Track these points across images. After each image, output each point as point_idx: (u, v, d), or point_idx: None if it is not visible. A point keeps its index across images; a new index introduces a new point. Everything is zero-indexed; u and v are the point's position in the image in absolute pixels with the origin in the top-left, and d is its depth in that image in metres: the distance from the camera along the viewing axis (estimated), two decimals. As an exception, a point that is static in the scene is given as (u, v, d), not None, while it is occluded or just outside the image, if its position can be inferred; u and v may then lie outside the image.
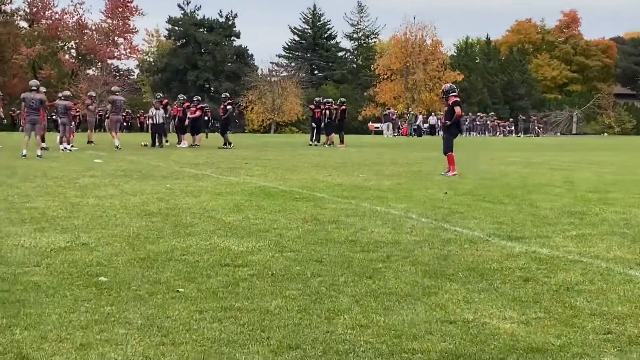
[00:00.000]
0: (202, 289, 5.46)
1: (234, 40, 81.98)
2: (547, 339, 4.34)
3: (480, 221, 9.12)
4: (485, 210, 10.10)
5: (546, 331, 4.49)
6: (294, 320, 4.68)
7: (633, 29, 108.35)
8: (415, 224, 8.79)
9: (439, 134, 45.64)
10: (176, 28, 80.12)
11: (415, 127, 58.53)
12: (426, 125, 60.41)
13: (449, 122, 16.41)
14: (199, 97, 32.96)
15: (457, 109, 16.02)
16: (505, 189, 13.09)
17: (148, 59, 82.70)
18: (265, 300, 5.18)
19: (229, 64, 79.43)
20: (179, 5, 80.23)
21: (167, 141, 29.91)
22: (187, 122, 29.69)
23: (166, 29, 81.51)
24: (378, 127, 63.50)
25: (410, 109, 65.61)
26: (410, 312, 4.90)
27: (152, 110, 30.02)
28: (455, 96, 16.52)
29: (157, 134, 29.23)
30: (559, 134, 75.69)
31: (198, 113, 30.13)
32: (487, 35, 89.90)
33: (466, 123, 58.16)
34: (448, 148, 16.00)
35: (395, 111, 64.46)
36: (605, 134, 78.22)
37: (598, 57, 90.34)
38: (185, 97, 32.20)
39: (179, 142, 29.88)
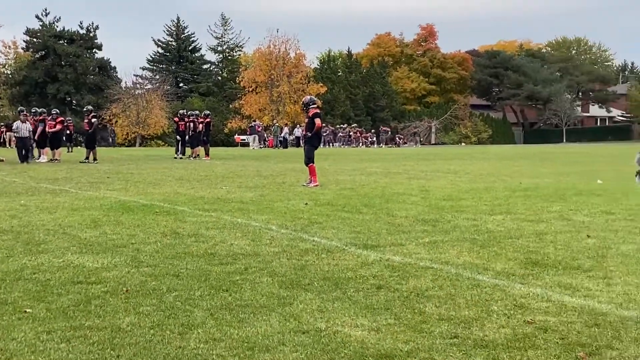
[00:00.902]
0: (51, 309, 5.25)
1: (95, 52, 79.25)
2: (396, 345, 4.47)
3: (338, 231, 9.28)
4: (343, 220, 10.30)
5: (395, 337, 4.63)
6: (146, 337, 4.59)
7: (487, 42, 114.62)
8: (275, 235, 8.85)
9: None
10: (34, 40, 76.48)
11: (281, 138, 58.85)
12: (292, 137, 60.94)
13: (309, 134, 16.63)
14: (57, 110, 31.65)
15: (318, 121, 16.26)
16: (364, 198, 13.38)
17: (5, 72, 78.57)
18: (118, 317, 5.05)
19: (91, 77, 76.71)
20: (36, 17, 76.82)
21: (33, 156, 28.50)
22: (45, 135, 28.39)
23: (24, 41, 77.73)
24: (244, 140, 63.30)
25: (275, 121, 65.92)
26: (264, 323, 4.92)
27: (17, 124, 28.49)
28: (315, 108, 16.78)
29: (23, 149, 27.78)
30: (419, 144, 78.21)
31: (59, 127, 28.95)
32: (349, 48, 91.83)
33: (325, 134, 59.13)
34: (309, 159, 16.20)
35: (261, 123, 64.56)
36: (463, 144, 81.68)
37: (454, 69, 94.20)
38: (39, 110, 30.86)
39: (39, 156, 28.57)
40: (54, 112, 30.15)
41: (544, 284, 6.20)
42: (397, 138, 76.15)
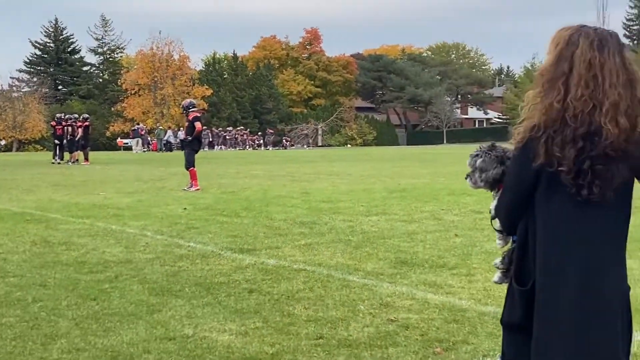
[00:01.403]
0: None
1: (-35, 53, 75.81)
2: (262, 348, 4.55)
3: (215, 235, 9.31)
4: (221, 225, 10.32)
5: (262, 340, 4.70)
6: (7, 349, 4.49)
7: (371, 46, 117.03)
8: (150, 242, 8.78)
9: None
10: None
11: (165, 142, 58.17)
12: (177, 140, 60.30)
13: (189, 138, 16.55)
14: None
15: (198, 125, 16.24)
16: (245, 202, 13.46)
17: None
18: (-23, 331, 4.89)
19: (-38, 80, 73.39)
20: None
21: None
22: None
23: None
24: (127, 143, 62.17)
25: (159, 124, 65.06)
26: (130, 331, 4.88)
27: None
28: (195, 111, 16.77)
29: None
30: (305, 146, 79.14)
31: None
32: (234, 51, 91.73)
33: (209, 137, 59.15)
34: (189, 163, 16.12)
35: (145, 126, 63.57)
36: (349, 145, 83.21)
37: (339, 72, 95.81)
38: None
39: None
40: None
41: (410, 283, 6.45)
42: (284, 140, 76.70)
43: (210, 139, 63.52)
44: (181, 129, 61.40)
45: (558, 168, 2.37)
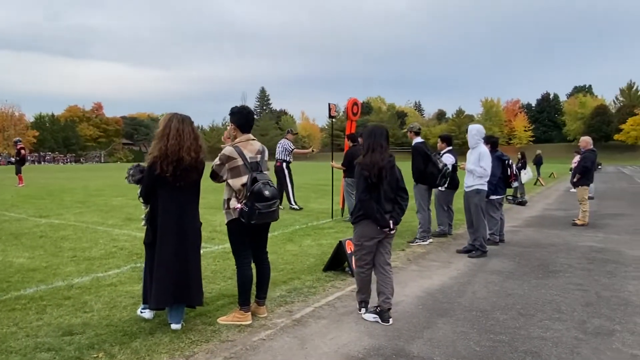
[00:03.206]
0: None
1: None
2: (40, 264, 8.29)
3: (27, 209, 14.13)
4: (32, 203, 15.50)
5: (41, 260, 8.58)
6: None
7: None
8: (-24, 217, 13.13)
9: None
10: None
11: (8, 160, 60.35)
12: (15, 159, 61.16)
13: (18, 158, 23.80)
14: None
15: (23, 152, 23.82)
16: (48, 191, 19.75)
17: None
18: None
19: None
20: None
21: None
22: None
23: None
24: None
25: (6, 150, 70.55)
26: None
27: None
28: (21, 144, 24.97)
29: None
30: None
31: None
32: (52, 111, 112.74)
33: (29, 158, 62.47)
34: (18, 171, 24.05)
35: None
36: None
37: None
38: None
39: None
40: None
41: (125, 229, 11.22)
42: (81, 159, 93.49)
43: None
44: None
45: (165, 174, 5.30)
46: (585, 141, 13.82)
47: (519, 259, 9.17)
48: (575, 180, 13.62)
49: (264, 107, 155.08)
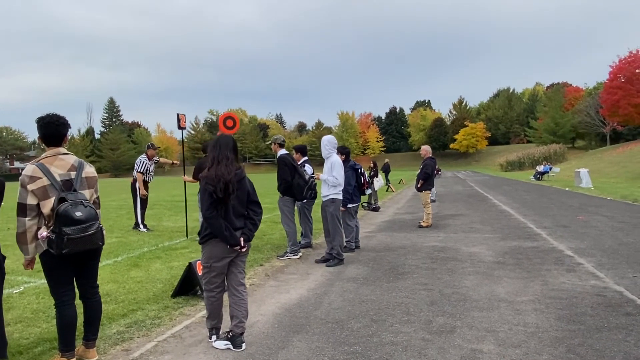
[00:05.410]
0: None
1: None
2: None
3: None
4: None
5: None
6: None
7: None
8: None
9: None
10: None
11: None
12: None
13: None
14: None
15: None
16: None
17: None
18: None
19: None
20: None
21: None
22: None
23: None
24: None
25: None
26: None
27: None
28: None
29: None
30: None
31: None
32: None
33: None
34: None
35: None
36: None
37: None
38: None
39: None
40: None
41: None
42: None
43: None
44: None
45: None
46: (425, 150, 14.38)
47: (373, 264, 9.24)
48: (419, 186, 14.08)
49: (114, 120, 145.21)
